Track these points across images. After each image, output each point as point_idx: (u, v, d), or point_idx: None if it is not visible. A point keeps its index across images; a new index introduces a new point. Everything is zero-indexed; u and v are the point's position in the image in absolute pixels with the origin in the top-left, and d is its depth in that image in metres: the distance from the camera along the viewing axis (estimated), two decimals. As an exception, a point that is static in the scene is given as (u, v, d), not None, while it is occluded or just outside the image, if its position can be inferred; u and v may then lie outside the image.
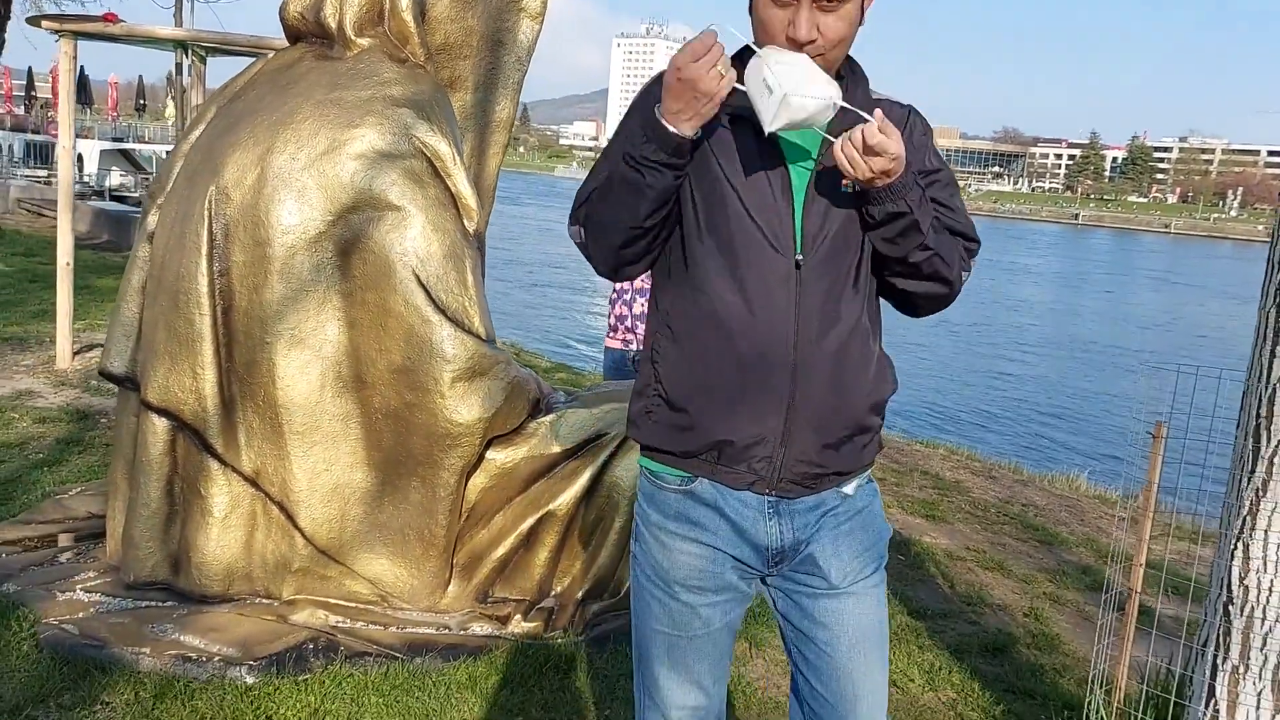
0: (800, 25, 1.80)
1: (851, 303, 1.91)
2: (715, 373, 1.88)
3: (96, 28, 6.02)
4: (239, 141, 3.28)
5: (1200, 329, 27.88)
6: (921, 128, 2.02)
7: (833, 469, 1.92)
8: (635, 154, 1.84)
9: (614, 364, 5.38)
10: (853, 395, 1.92)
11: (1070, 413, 15.50)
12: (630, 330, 5.25)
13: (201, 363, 3.30)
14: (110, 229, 15.94)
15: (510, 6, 3.69)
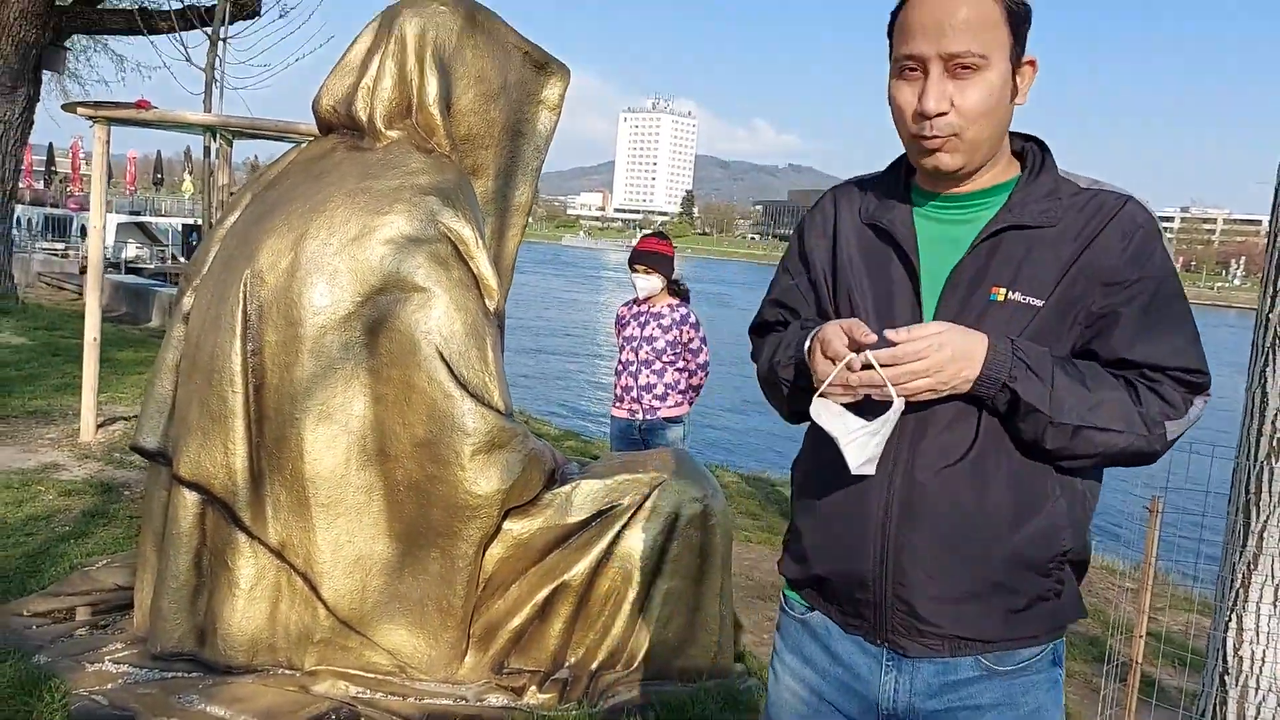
0: (928, 96, 1.61)
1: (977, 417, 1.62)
2: (820, 491, 1.74)
3: (130, 114, 6.26)
4: (274, 228, 3.45)
5: (1208, 399, 27.83)
6: (1128, 226, 1.64)
7: (957, 632, 1.64)
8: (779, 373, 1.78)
9: (620, 433, 5.50)
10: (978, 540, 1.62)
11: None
12: (636, 400, 5.38)
13: (233, 438, 3.43)
14: (128, 302, 16.20)
15: (530, 99, 3.90)
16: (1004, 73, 1.62)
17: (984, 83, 1.61)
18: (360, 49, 3.76)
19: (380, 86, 3.62)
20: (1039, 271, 1.64)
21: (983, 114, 1.61)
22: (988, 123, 1.63)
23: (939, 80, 1.61)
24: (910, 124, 1.66)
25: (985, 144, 1.65)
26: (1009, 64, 1.63)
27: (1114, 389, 1.61)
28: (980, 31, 1.61)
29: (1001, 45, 1.62)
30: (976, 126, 1.62)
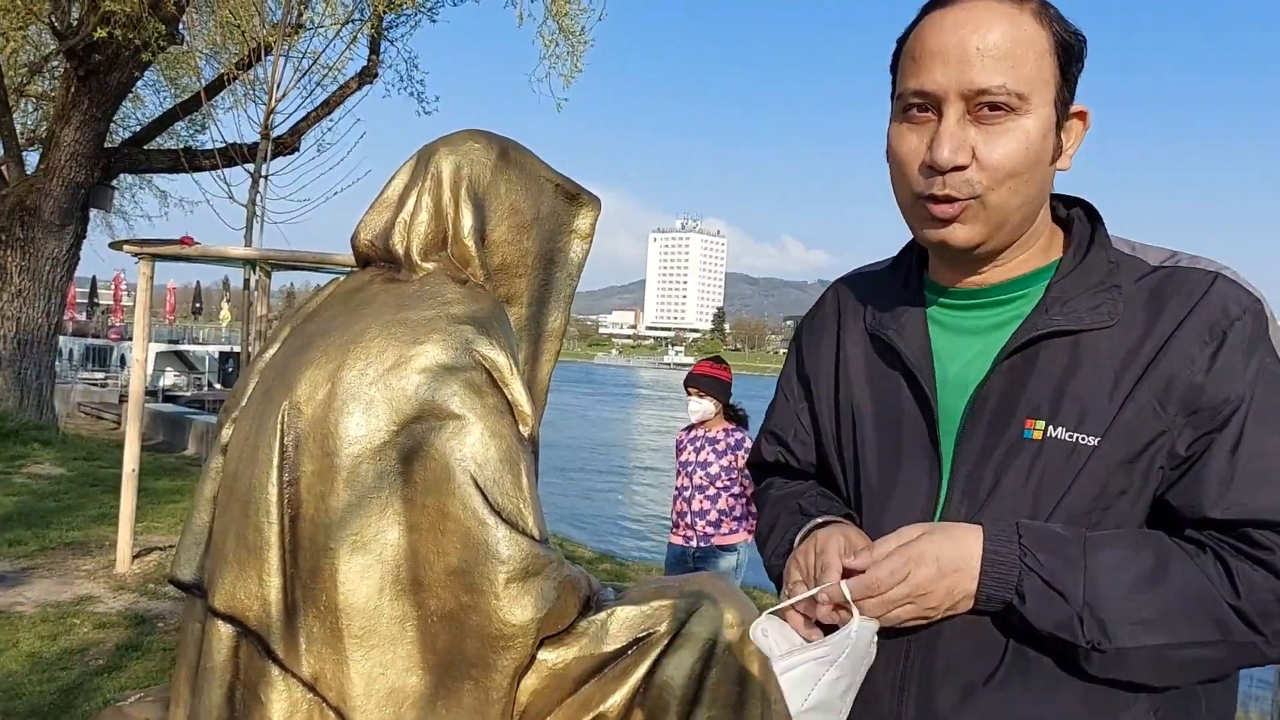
0: (942, 143, 1.21)
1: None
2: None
3: (174, 250, 6.48)
4: (312, 360, 3.52)
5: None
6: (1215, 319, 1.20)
7: None
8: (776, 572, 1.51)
9: (675, 560, 5.45)
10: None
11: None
12: (690, 527, 5.35)
13: (268, 570, 3.43)
14: (165, 430, 16.42)
15: (563, 229, 4.01)
16: (1046, 121, 1.24)
17: (1019, 131, 1.21)
18: (398, 185, 3.90)
19: (417, 221, 3.74)
20: (1092, 395, 1.23)
21: (1013, 173, 1.22)
22: (1020, 187, 1.23)
23: (957, 125, 1.22)
24: (913, 182, 1.28)
25: (1014, 216, 1.26)
26: (1053, 111, 1.25)
27: (1192, 576, 1.13)
28: (1019, 63, 1.21)
29: (1045, 84, 1.23)
30: (1004, 190, 1.22)
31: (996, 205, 1.23)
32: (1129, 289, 1.26)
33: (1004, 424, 1.27)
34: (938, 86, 1.22)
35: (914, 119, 1.27)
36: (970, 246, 1.28)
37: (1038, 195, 1.28)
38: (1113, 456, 1.21)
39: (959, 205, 1.24)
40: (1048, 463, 1.23)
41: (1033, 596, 1.15)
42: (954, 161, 1.21)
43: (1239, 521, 1.15)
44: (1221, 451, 1.17)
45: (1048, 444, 1.23)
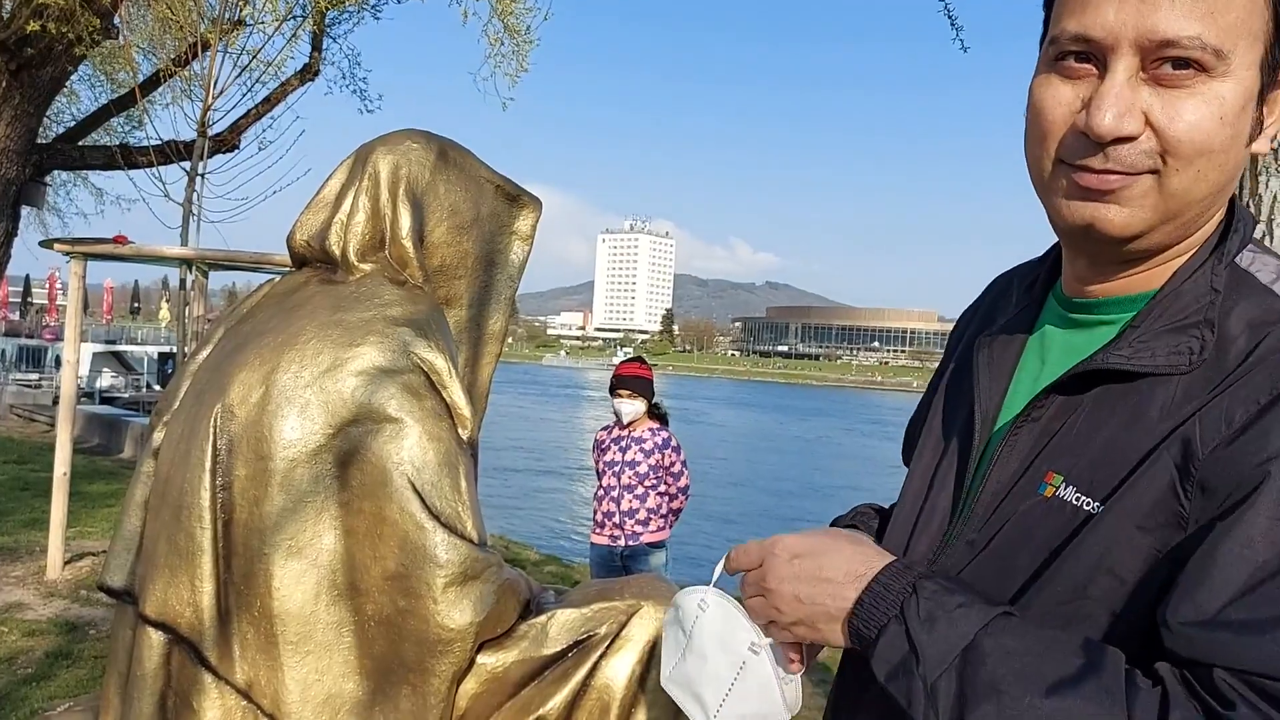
0: (1104, 103, 0.92)
1: None
2: None
3: (107, 249, 6.35)
4: (246, 361, 3.47)
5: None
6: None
7: None
8: None
9: (600, 560, 5.46)
10: None
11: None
12: (618, 526, 5.36)
13: (200, 575, 3.37)
14: (101, 433, 16.09)
15: (503, 230, 3.99)
16: (1248, 89, 0.93)
17: (1212, 97, 0.91)
18: (334, 185, 3.85)
19: (354, 221, 3.69)
20: (1116, 452, 0.98)
21: (1204, 150, 0.92)
22: (1210, 171, 0.93)
23: (1127, 84, 0.92)
24: (1059, 147, 0.99)
25: (1194, 208, 0.97)
26: (1258, 75, 0.94)
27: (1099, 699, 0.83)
28: (1222, 8, 0.89)
29: (1253, 39, 0.92)
30: (1191, 172, 0.93)
31: (1177, 191, 0.94)
32: (1231, 329, 0.95)
33: (1023, 471, 1.07)
34: (1106, 31, 0.92)
35: (1069, 70, 0.97)
36: (1127, 236, 0.99)
37: (1227, 186, 0.95)
38: (1116, 528, 0.95)
39: (1123, 180, 0.96)
40: (1046, 524, 1.01)
41: (885, 642, 0.93)
42: (1119, 131, 0.92)
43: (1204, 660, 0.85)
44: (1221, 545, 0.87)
45: (1054, 503, 1.01)
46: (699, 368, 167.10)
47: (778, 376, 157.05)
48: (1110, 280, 1.05)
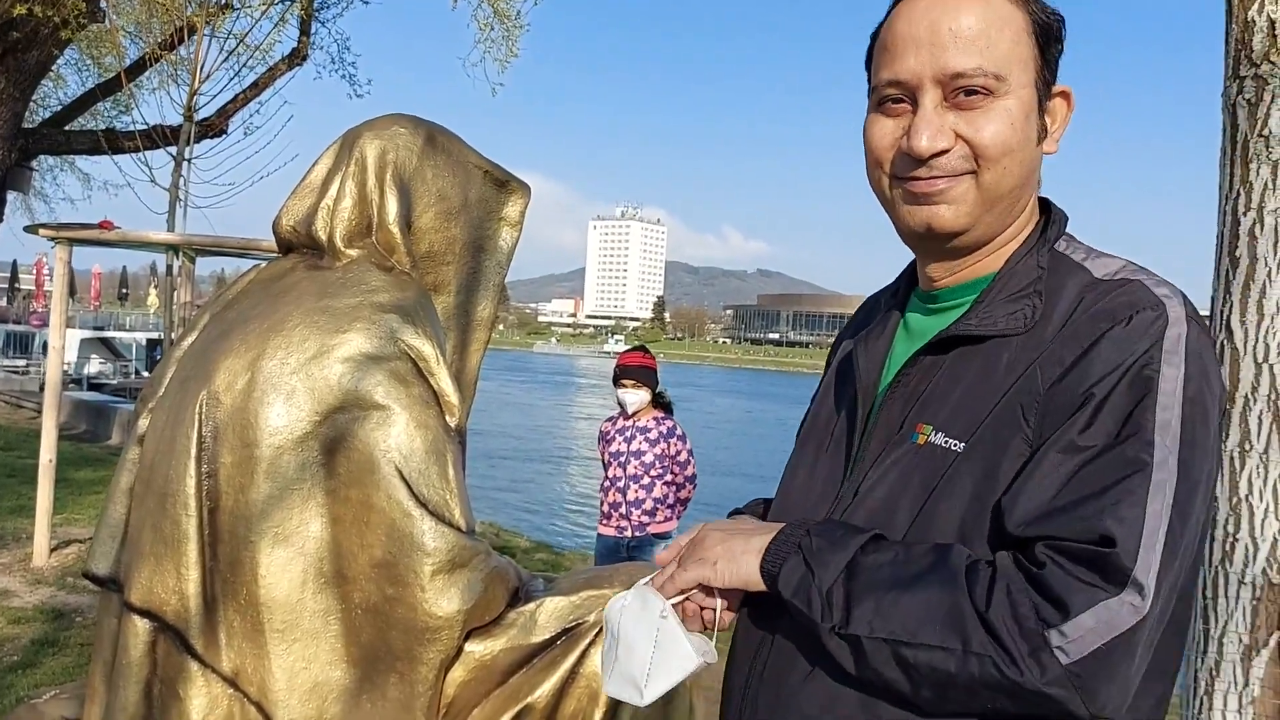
0: (919, 129, 1.19)
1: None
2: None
3: (93, 234, 6.29)
4: (231, 348, 3.45)
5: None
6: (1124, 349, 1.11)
7: None
8: None
9: (607, 551, 5.44)
10: None
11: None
12: (625, 517, 5.34)
13: (186, 563, 3.36)
14: (89, 419, 16.02)
15: (491, 216, 3.96)
16: (1028, 102, 1.21)
17: (1004, 113, 1.18)
18: (321, 170, 3.82)
19: (340, 206, 3.67)
20: (974, 400, 1.21)
21: (1006, 151, 1.19)
22: (1013, 167, 1.20)
23: (935, 112, 1.20)
24: (892, 170, 1.26)
25: (1004, 200, 1.23)
26: (1035, 92, 1.22)
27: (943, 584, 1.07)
28: (994, 43, 1.18)
29: (1024, 64, 1.21)
30: (999, 169, 1.19)
31: (989, 185, 1.20)
32: (1055, 296, 1.20)
33: (898, 427, 1.28)
34: (911, 74, 1.21)
35: (890, 110, 1.25)
36: (956, 230, 1.25)
37: (1028, 180, 1.25)
38: (976, 464, 1.17)
39: (946, 183, 1.21)
40: (922, 468, 1.22)
41: (788, 568, 1.18)
42: (934, 148, 1.19)
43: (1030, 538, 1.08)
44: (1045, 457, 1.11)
45: (925, 449, 1.22)
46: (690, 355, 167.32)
47: (769, 364, 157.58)
48: (955, 273, 1.31)
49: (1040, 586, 1.03)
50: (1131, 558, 1.01)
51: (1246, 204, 2.49)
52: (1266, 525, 2.37)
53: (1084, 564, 1.03)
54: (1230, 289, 2.52)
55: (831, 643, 1.14)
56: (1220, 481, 2.45)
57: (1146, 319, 1.11)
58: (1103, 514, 1.03)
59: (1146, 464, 1.04)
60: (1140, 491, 1.03)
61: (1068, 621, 1.01)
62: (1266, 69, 2.51)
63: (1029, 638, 1.01)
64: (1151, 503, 1.02)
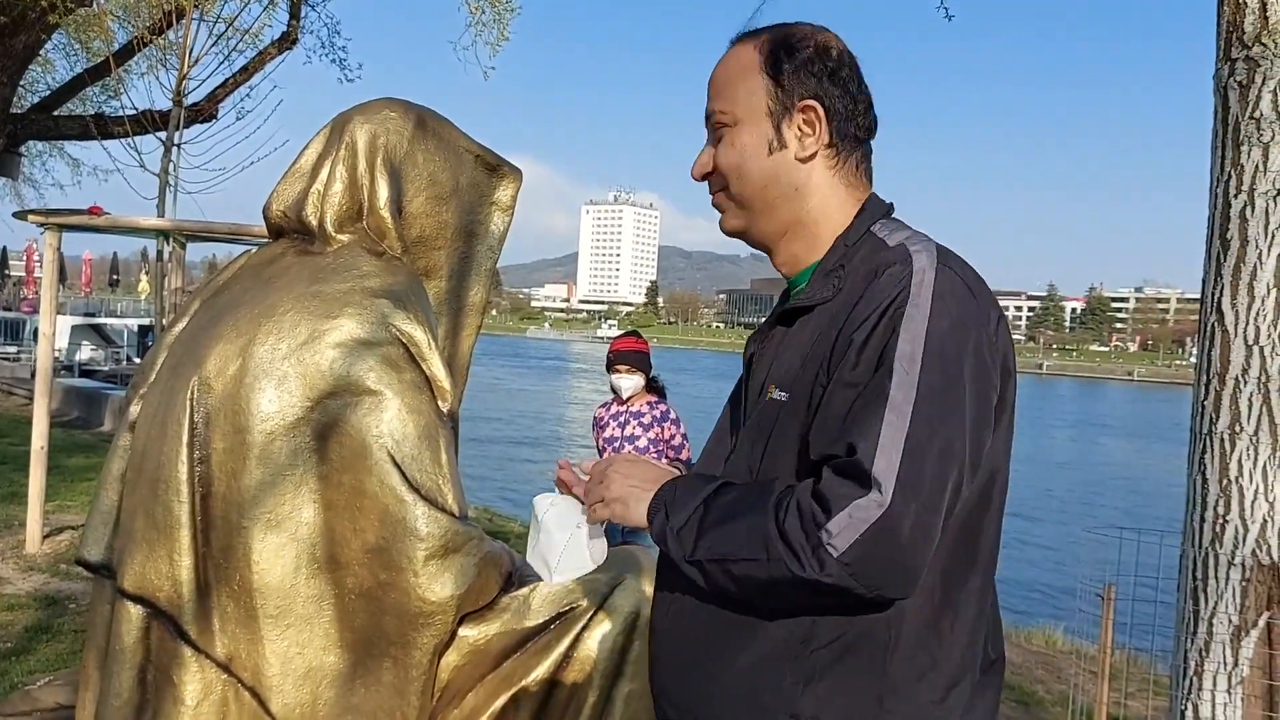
0: (695, 162, 1.62)
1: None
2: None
3: (82, 220, 6.26)
4: (222, 334, 3.43)
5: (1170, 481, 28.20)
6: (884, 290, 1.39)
7: None
8: None
9: (603, 536, 5.43)
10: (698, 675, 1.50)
11: (1046, 563, 15.53)
12: None
13: (179, 549, 3.35)
14: (81, 406, 15.96)
15: (483, 200, 3.95)
16: (757, 129, 1.53)
17: (732, 141, 1.55)
18: (311, 155, 3.80)
19: (331, 191, 3.65)
20: (796, 358, 1.48)
21: (733, 168, 1.54)
22: (744, 182, 1.54)
23: (708, 145, 1.60)
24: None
25: (757, 204, 1.56)
26: (767, 116, 1.53)
27: (758, 509, 1.32)
28: (727, 87, 1.56)
29: (752, 95, 1.53)
30: (737, 185, 1.56)
31: (737, 195, 1.56)
32: (856, 267, 1.48)
33: (759, 389, 1.55)
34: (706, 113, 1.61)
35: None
36: (735, 231, 1.63)
37: (768, 184, 1.56)
38: (797, 408, 1.43)
39: (718, 199, 1.61)
40: (764, 418, 1.49)
41: (656, 519, 1.44)
42: (698, 174, 1.61)
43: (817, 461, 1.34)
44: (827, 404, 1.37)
45: (768, 404, 1.49)
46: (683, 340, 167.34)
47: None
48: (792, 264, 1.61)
49: (817, 496, 1.27)
50: (870, 461, 1.25)
51: (1238, 186, 2.49)
52: (1256, 507, 2.39)
53: (840, 474, 1.27)
54: (1221, 272, 2.52)
55: (687, 570, 1.40)
56: (1210, 464, 2.46)
57: (896, 272, 1.39)
58: (851, 431, 1.29)
59: (886, 388, 1.29)
60: (879, 410, 1.27)
61: (830, 520, 1.24)
62: (1258, 51, 2.51)
63: (809, 538, 1.25)
64: (889, 416, 1.26)
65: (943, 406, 1.29)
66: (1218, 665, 2.34)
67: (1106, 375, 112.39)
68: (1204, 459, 2.46)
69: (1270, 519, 2.38)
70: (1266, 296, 2.41)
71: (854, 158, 1.56)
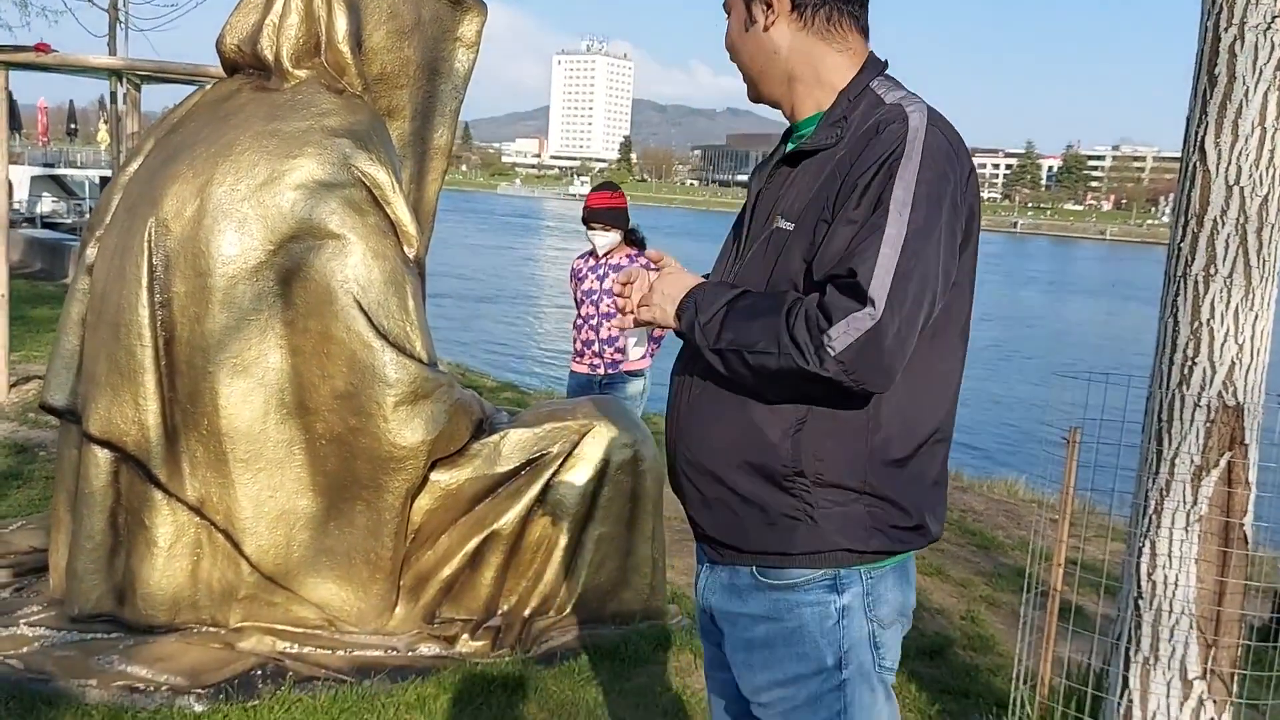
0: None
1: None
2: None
3: (28, 58, 5.97)
4: (178, 173, 3.32)
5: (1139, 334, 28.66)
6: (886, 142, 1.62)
7: (716, 536, 1.78)
8: None
9: (579, 388, 5.39)
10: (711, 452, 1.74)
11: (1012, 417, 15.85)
12: (598, 355, 5.28)
13: (144, 393, 3.32)
14: (44, 258, 15.66)
15: (446, 36, 3.78)
16: (740, 12, 1.80)
17: (728, 25, 1.83)
18: (265, -16, 3.60)
19: (286, 23, 3.47)
20: (802, 195, 1.69)
21: (733, 48, 1.82)
22: (741, 54, 1.81)
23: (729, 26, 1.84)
24: None
25: (753, 74, 1.83)
26: (743, 4, 1.80)
27: (773, 313, 1.60)
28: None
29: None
30: (740, 59, 1.82)
31: (740, 65, 1.83)
32: (856, 119, 1.68)
33: (765, 219, 1.76)
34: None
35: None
36: (753, 98, 1.88)
37: (753, 56, 1.80)
38: (802, 237, 1.65)
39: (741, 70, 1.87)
40: (771, 245, 1.71)
41: (684, 313, 1.70)
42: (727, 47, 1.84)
43: (822, 281, 1.57)
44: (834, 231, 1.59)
45: (775, 232, 1.71)
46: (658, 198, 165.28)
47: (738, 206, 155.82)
48: (795, 114, 1.82)
49: (822, 307, 1.53)
50: (867, 283, 1.51)
51: (1228, 19, 2.40)
52: (1225, 349, 2.39)
53: (842, 291, 1.52)
54: (1206, 110, 2.46)
55: (710, 357, 1.66)
56: (1183, 306, 2.46)
57: (895, 128, 1.61)
58: (853, 257, 1.54)
59: (882, 225, 1.53)
60: (876, 242, 1.53)
61: (832, 326, 1.50)
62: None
63: (813, 338, 1.52)
64: (884, 249, 1.52)
65: (924, 243, 1.56)
66: (1177, 504, 2.39)
67: (1080, 234, 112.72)
68: (1176, 301, 2.45)
69: (1238, 360, 2.39)
70: (1250, 135, 2.35)
71: (819, 15, 1.75)
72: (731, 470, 1.71)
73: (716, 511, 1.75)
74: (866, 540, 1.68)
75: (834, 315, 1.51)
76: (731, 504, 1.72)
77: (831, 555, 1.68)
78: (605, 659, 3.51)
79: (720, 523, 1.75)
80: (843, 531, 1.66)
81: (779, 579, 1.71)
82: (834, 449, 1.65)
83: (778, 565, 1.70)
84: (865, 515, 1.67)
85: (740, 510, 1.71)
